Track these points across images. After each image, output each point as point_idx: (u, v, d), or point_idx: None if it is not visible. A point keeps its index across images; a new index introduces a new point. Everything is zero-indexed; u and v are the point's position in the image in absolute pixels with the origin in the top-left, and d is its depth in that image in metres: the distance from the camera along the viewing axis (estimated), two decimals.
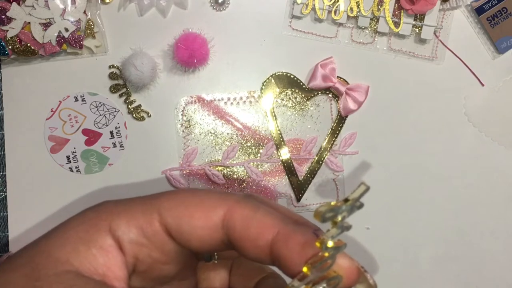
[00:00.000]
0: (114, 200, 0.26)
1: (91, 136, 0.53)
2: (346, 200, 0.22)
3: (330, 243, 0.21)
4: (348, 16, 0.53)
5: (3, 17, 0.49)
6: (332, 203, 0.21)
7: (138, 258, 0.25)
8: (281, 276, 0.28)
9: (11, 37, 0.49)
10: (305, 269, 0.22)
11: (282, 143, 0.54)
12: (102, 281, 0.24)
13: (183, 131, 0.54)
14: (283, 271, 0.24)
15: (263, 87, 0.54)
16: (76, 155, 0.53)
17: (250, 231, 0.24)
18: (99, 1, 0.52)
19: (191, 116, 0.54)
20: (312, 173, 0.55)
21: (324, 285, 0.22)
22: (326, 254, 0.21)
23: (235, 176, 0.54)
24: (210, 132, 0.54)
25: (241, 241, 0.24)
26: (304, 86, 0.54)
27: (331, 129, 0.54)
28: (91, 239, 0.24)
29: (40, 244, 0.25)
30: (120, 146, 0.54)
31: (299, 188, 0.55)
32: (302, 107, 0.55)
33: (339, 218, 0.21)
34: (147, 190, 0.54)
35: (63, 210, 0.54)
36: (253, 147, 0.54)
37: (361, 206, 0.22)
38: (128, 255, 0.25)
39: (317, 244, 0.22)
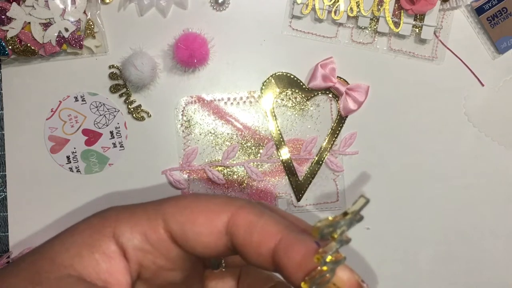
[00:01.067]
0: (120, 206, 0.26)
1: (91, 136, 0.53)
2: (345, 214, 0.21)
3: (328, 258, 0.21)
4: (348, 16, 0.53)
5: (3, 17, 0.49)
6: (331, 218, 0.21)
7: (142, 264, 0.25)
8: (289, 286, 0.27)
9: (11, 37, 0.49)
10: (304, 285, 0.21)
11: (282, 143, 0.54)
12: (104, 287, 0.23)
13: (183, 131, 0.54)
14: (285, 279, 0.23)
15: (263, 87, 0.54)
16: (76, 155, 0.53)
17: (252, 238, 0.23)
18: (99, 1, 0.52)
19: (191, 116, 0.54)
20: (312, 173, 0.55)
21: None
22: (325, 269, 0.21)
23: (235, 176, 0.54)
24: (210, 132, 0.54)
25: (244, 248, 0.23)
26: (304, 86, 0.54)
27: (331, 129, 0.54)
28: (94, 245, 0.24)
29: (43, 248, 0.24)
30: (120, 146, 0.54)
31: (299, 188, 0.55)
32: (302, 107, 0.54)
33: (338, 232, 0.21)
34: (147, 190, 0.54)
35: (63, 210, 0.54)
36: (253, 147, 0.54)
37: (361, 219, 0.22)
38: (132, 261, 0.24)
39: (315, 259, 0.21)
